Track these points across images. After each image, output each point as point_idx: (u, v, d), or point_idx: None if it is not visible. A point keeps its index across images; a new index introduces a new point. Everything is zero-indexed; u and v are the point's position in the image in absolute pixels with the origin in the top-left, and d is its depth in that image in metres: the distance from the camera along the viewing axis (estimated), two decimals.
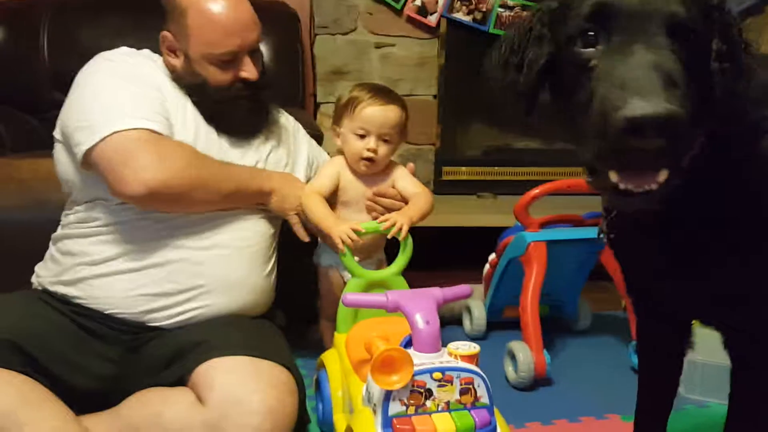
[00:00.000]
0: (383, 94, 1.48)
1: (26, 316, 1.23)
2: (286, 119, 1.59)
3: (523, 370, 1.54)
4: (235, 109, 1.37)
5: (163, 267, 1.27)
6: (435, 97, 2.57)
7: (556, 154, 2.68)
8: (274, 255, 1.46)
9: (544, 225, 1.70)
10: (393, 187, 1.50)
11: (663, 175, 0.68)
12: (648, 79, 0.65)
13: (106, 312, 1.27)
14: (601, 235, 0.93)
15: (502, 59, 0.86)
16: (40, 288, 1.34)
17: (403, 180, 1.51)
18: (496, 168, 2.61)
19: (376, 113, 1.45)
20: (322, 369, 1.35)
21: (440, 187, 2.54)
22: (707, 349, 1.19)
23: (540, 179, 2.59)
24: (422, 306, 1.06)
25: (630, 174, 0.68)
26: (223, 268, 1.31)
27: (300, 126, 1.64)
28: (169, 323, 1.29)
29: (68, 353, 1.22)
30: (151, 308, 1.27)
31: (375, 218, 1.43)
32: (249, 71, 1.35)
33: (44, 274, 1.34)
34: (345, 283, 1.50)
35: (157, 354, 1.25)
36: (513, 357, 1.58)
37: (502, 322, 1.87)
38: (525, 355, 1.55)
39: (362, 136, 1.46)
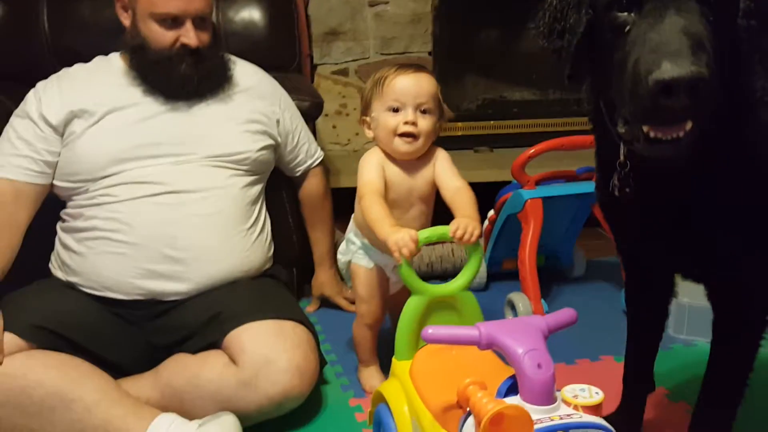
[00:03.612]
0: (410, 65, 1.36)
1: (55, 302, 1.33)
2: (260, 84, 1.61)
3: None
4: (171, 69, 1.42)
5: (142, 247, 1.34)
6: (430, 54, 2.61)
7: (551, 104, 2.75)
8: (260, 214, 1.52)
9: (540, 182, 1.79)
10: (434, 172, 1.35)
11: (689, 124, 0.75)
12: (678, 43, 0.71)
13: (109, 296, 1.35)
14: (614, 190, 0.95)
15: (547, 27, 0.90)
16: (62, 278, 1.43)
17: (444, 169, 1.35)
18: (492, 122, 2.67)
19: (408, 81, 1.30)
20: (381, 404, 1.14)
21: (436, 143, 2.58)
22: (694, 291, 1.30)
23: (535, 131, 2.69)
24: (529, 343, 0.85)
25: (660, 126, 0.75)
26: (198, 235, 1.36)
27: (282, 96, 1.66)
28: (177, 295, 1.36)
29: (100, 331, 1.32)
30: (148, 286, 1.34)
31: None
32: (188, 37, 1.41)
33: (55, 266, 1.44)
34: (386, 283, 1.42)
35: (181, 324, 1.34)
36: (513, 307, 1.70)
37: (501, 274, 1.98)
38: (524, 304, 1.67)
39: (396, 111, 1.31)
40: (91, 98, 1.43)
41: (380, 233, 1.19)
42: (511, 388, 0.86)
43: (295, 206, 1.81)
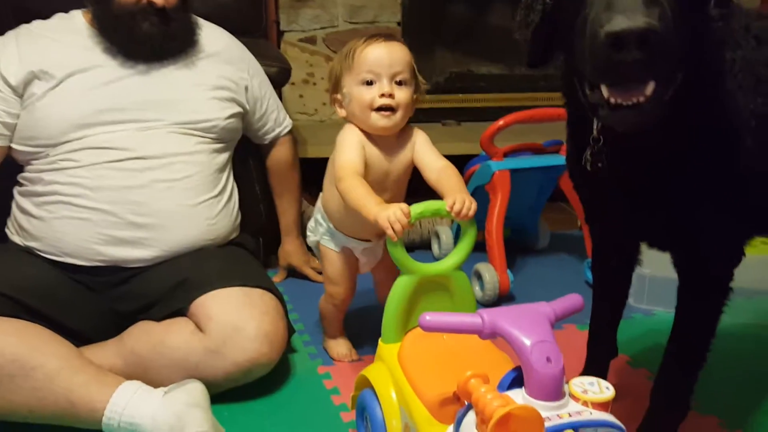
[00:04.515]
0: (380, 35, 1.27)
1: (13, 268, 1.29)
2: (228, 49, 1.56)
3: (488, 288, 1.68)
4: (134, 26, 1.37)
5: (105, 212, 1.30)
6: (399, 24, 2.59)
7: (518, 79, 2.76)
8: (227, 182, 1.49)
9: (508, 153, 1.80)
10: (412, 155, 1.28)
11: (649, 88, 0.75)
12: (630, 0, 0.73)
13: (69, 262, 1.32)
14: (587, 164, 0.96)
15: (523, 22, 0.92)
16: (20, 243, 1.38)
17: (426, 150, 1.28)
18: (460, 95, 2.68)
19: (381, 51, 1.22)
20: (366, 389, 1.09)
21: None
22: (654, 263, 1.34)
23: (503, 105, 2.70)
24: (537, 334, 0.79)
25: (619, 89, 0.76)
26: (163, 202, 1.34)
27: (250, 62, 1.62)
28: (141, 262, 1.33)
29: (60, 298, 1.28)
30: (110, 252, 1.31)
31: None
32: None
33: (12, 231, 1.39)
34: (355, 263, 1.38)
35: (145, 291, 1.32)
36: (479, 277, 1.72)
37: None
38: (490, 275, 1.69)
39: (370, 83, 1.22)
40: (52, 59, 1.36)
41: (368, 213, 1.11)
42: (514, 380, 0.80)
43: (262, 175, 1.78)
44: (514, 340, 0.79)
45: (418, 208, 1.09)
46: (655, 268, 1.62)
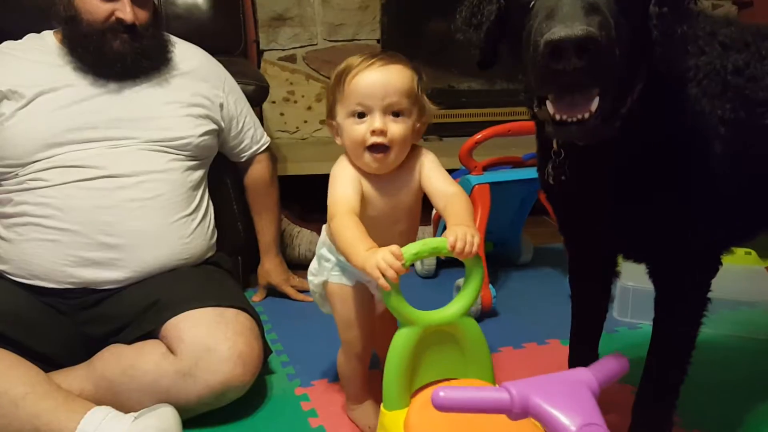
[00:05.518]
0: (381, 55, 1.09)
1: None
2: (202, 66, 1.55)
3: None
4: (104, 44, 1.36)
5: (75, 233, 1.28)
6: (378, 41, 2.59)
7: (498, 94, 2.78)
8: (202, 200, 1.46)
9: (487, 167, 1.79)
10: (419, 180, 1.12)
11: (594, 104, 0.74)
12: (571, 8, 0.71)
13: (39, 285, 1.29)
14: (549, 178, 0.94)
15: (465, 20, 0.90)
16: None
17: (433, 174, 1.11)
18: (440, 111, 2.67)
19: (374, 78, 1.05)
20: None
21: None
22: (638, 275, 1.32)
23: (483, 120, 2.72)
24: (581, 414, 0.65)
25: (564, 105, 0.75)
26: (135, 221, 1.31)
27: (225, 78, 1.61)
28: (112, 283, 1.30)
29: (28, 322, 1.25)
30: (81, 274, 1.28)
31: None
32: (124, 12, 1.35)
33: None
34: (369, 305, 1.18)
35: (117, 314, 1.29)
36: None
37: (450, 261, 1.98)
38: None
39: (362, 116, 1.06)
40: (22, 78, 1.34)
41: (355, 261, 0.96)
42: None
43: (240, 193, 1.76)
44: (553, 424, 0.65)
45: (413, 248, 0.94)
46: (640, 281, 1.61)
